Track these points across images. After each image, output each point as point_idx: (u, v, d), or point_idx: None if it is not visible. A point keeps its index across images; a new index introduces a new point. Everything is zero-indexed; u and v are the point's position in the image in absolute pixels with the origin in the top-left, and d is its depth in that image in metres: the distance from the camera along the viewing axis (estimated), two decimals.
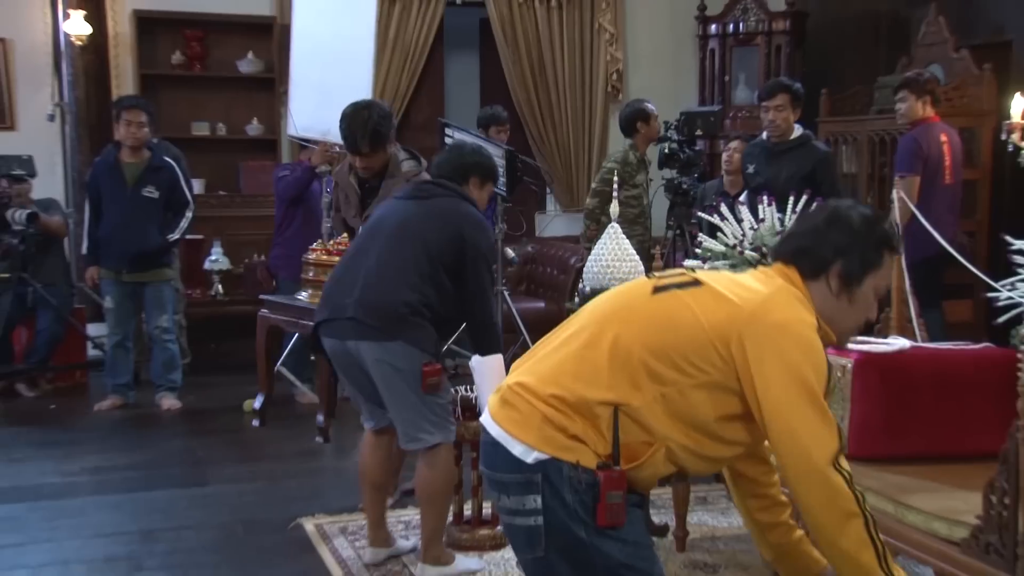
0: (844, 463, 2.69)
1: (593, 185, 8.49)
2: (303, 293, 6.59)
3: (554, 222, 11.09)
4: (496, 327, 4.94)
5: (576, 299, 5.41)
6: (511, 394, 2.73)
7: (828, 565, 2.92)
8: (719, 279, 2.83)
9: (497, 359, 3.61)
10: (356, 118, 5.44)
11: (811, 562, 3.01)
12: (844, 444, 2.75)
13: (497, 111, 8.80)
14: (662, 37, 11.20)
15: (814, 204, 4.76)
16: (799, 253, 2.86)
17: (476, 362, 3.65)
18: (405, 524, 5.46)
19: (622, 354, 2.66)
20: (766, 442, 2.87)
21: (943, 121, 7.71)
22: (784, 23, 10.49)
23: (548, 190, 11.26)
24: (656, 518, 5.18)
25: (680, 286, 2.78)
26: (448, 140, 8.34)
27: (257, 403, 7.45)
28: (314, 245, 6.32)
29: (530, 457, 2.63)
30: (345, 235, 6.12)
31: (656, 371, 2.65)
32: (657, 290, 2.78)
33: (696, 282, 2.79)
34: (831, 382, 2.79)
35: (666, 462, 2.73)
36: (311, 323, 5.05)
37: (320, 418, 6.72)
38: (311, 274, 6.30)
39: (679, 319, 2.70)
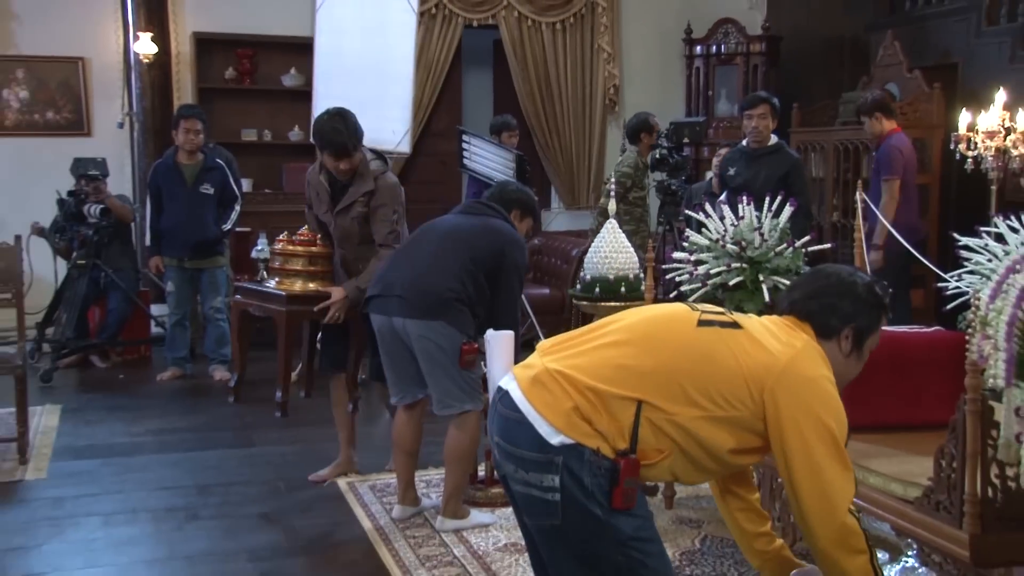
0: (853, 506, 2.69)
1: (608, 187, 8.43)
2: (271, 281, 6.00)
3: (558, 218, 11.06)
4: (517, 329, 4.86)
5: (578, 286, 5.41)
6: (547, 377, 2.67)
7: (797, 561, 2.99)
8: (754, 325, 2.79)
9: (509, 336, 3.60)
10: (347, 124, 5.20)
11: (791, 565, 3.02)
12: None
13: (507, 119, 8.76)
14: (653, 56, 11.17)
15: (787, 205, 4.77)
16: (812, 315, 2.84)
17: (490, 336, 3.64)
18: (426, 483, 5.47)
19: (664, 375, 2.63)
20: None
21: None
22: (760, 45, 10.50)
23: (553, 190, 11.26)
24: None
25: (722, 325, 2.75)
26: (465, 145, 8.35)
27: (232, 381, 7.31)
28: (280, 236, 5.85)
29: (555, 439, 2.58)
30: (305, 227, 5.76)
31: (692, 397, 2.62)
32: (701, 323, 2.74)
33: (735, 324, 2.75)
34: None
35: (667, 470, 2.71)
36: (278, 308, 5.77)
37: (279, 394, 6.09)
38: (276, 263, 5.83)
39: (719, 356, 2.66)
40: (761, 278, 4.56)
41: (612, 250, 5.20)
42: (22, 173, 9.38)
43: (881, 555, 2.95)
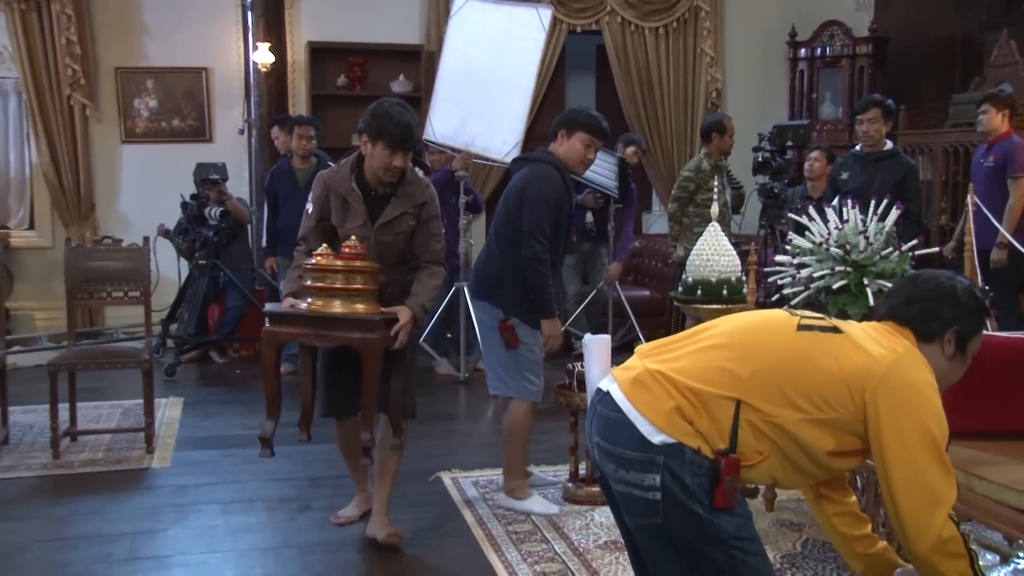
0: (953, 512, 2.62)
1: (673, 192, 8.37)
2: (305, 302, 4.43)
3: (658, 221, 11.01)
4: (544, 279, 4.92)
5: (679, 288, 5.35)
6: (648, 378, 2.65)
7: (901, 562, 2.89)
8: (854, 330, 2.74)
9: (605, 340, 3.53)
10: (413, 116, 4.49)
11: (896, 566, 2.94)
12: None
13: (635, 136, 9.23)
14: (756, 60, 11.05)
15: (894, 208, 4.66)
16: (912, 320, 2.78)
17: (588, 340, 3.61)
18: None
19: (764, 378, 2.60)
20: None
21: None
22: (867, 47, 10.34)
23: (654, 193, 11.20)
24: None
25: (822, 329, 2.71)
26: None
27: (268, 429, 4.68)
28: (319, 250, 4.32)
29: (656, 438, 2.56)
30: (353, 239, 4.35)
31: (792, 399, 2.58)
32: (801, 328, 2.71)
33: (836, 329, 2.71)
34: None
35: (767, 473, 2.68)
36: (367, 335, 4.26)
37: (366, 435, 4.50)
38: (310, 281, 4.33)
39: (820, 360, 2.63)
40: (866, 282, 4.45)
41: (714, 252, 5.14)
42: (150, 177, 9.68)
43: (991, 557, 2.85)
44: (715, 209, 5.50)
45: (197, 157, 9.02)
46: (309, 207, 4.62)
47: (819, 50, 10.52)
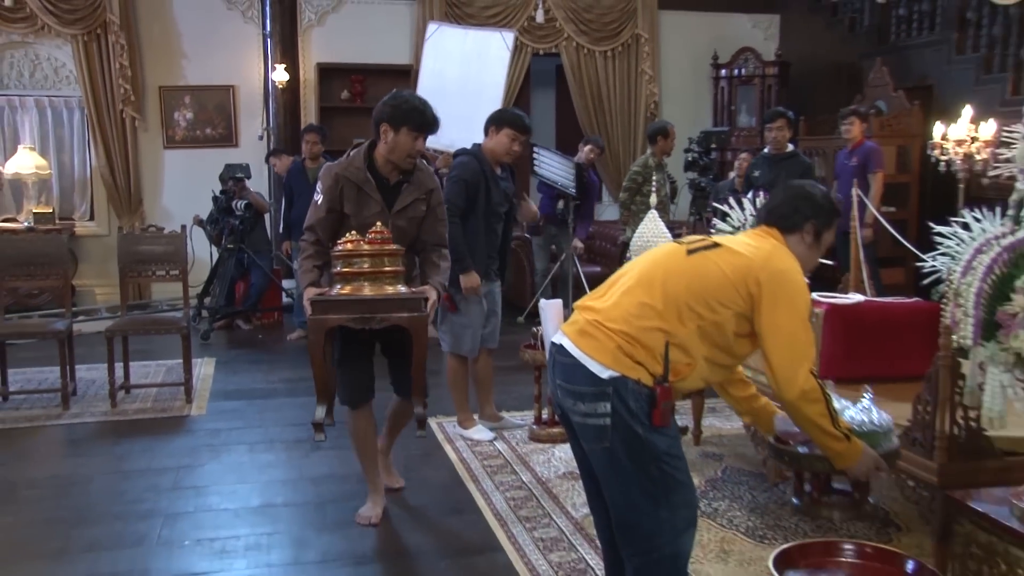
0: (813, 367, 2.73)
1: (624, 183, 8.43)
2: (334, 289, 3.86)
3: (608, 209, 11.04)
4: (454, 239, 4.60)
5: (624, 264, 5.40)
6: (590, 327, 2.70)
7: (778, 411, 3.01)
8: (731, 240, 2.84)
9: (557, 303, 3.56)
10: (428, 104, 4.04)
11: (770, 413, 3.07)
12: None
13: (598, 138, 9.30)
14: (686, 78, 11.08)
15: None
16: (780, 218, 2.89)
17: (543, 304, 3.64)
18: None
19: (672, 300, 2.66)
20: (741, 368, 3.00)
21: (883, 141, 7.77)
22: (774, 69, 10.43)
23: (604, 187, 11.24)
24: (680, 422, 5.15)
25: (705, 248, 2.78)
26: (535, 155, 8.37)
27: (319, 414, 4.05)
28: (348, 236, 3.81)
29: (605, 374, 2.62)
30: (379, 224, 3.85)
31: (698, 311, 2.66)
32: (690, 252, 2.77)
33: (716, 244, 2.79)
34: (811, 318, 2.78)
35: (698, 378, 2.74)
36: (414, 313, 3.78)
37: (419, 409, 4.06)
38: (340, 267, 3.81)
39: (709, 272, 2.70)
40: None
41: (653, 235, 5.17)
42: (186, 176, 9.69)
43: (841, 403, 2.93)
44: (654, 199, 5.56)
45: (226, 159, 9.06)
46: (319, 198, 4.03)
47: (736, 71, 10.57)
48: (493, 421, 5.49)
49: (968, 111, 7.15)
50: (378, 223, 3.85)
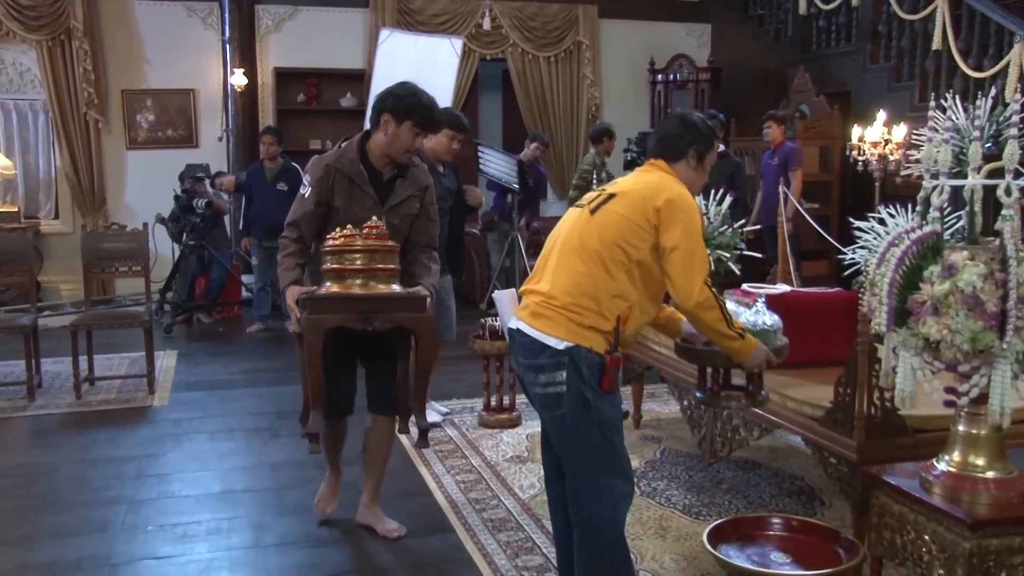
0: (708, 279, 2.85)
1: (574, 181, 8.47)
2: (325, 285, 3.37)
3: (552, 206, 11.06)
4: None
5: None
6: (540, 308, 2.77)
7: (684, 321, 3.08)
8: (623, 185, 2.93)
9: (511, 292, 3.49)
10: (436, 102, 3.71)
11: (676, 320, 3.13)
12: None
13: (543, 135, 9.33)
14: (625, 82, 11.12)
15: (727, 197, 4.76)
16: (665, 149, 2.97)
17: (496, 295, 3.63)
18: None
19: (593, 257, 2.75)
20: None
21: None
22: (707, 75, 10.50)
23: (548, 184, 11.26)
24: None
25: (603, 202, 2.86)
26: (480, 153, 8.35)
27: (313, 424, 3.49)
28: (342, 231, 3.36)
29: (561, 345, 2.69)
30: (374, 218, 3.43)
31: (616, 257, 2.75)
32: (592, 212, 2.85)
33: (612, 195, 2.87)
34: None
35: (639, 317, 2.83)
36: (417, 314, 3.40)
37: (420, 421, 3.69)
38: (329, 263, 3.36)
39: (614, 221, 2.79)
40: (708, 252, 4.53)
41: None
42: (148, 176, 9.54)
43: (735, 307, 3.08)
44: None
45: (186, 160, 8.97)
46: (306, 190, 3.56)
47: (671, 76, 10.62)
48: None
49: (882, 115, 7.29)
50: (373, 217, 3.43)
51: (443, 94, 8.18)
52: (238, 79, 9.33)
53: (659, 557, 3.50)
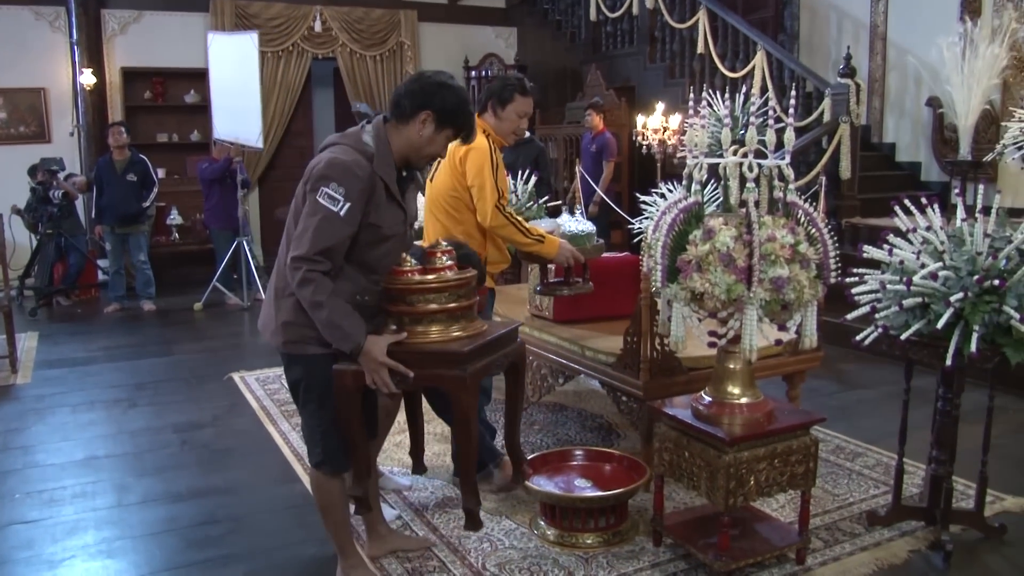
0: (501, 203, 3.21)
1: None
2: (392, 326, 2.47)
3: None
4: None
5: None
6: None
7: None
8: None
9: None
10: None
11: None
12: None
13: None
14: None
15: (532, 177, 4.82)
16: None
17: None
18: None
19: (444, 212, 3.21)
20: None
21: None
22: (514, 71, 10.54)
23: None
24: None
25: (436, 170, 3.31)
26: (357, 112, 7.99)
27: (361, 490, 2.62)
28: (405, 261, 2.47)
29: None
30: (444, 242, 2.61)
31: (453, 206, 3.22)
32: (431, 180, 3.31)
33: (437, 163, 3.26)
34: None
35: (493, 250, 3.28)
36: (452, 372, 2.39)
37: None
38: (402, 303, 2.47)
39: (442, 181, 3.25)
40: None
41: (421, 207, 5.15)
42: (3, 171, 8.71)
43: (560, 221, 3.56)
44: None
45: (40, 154, 8.37)
46: (340, 206, 2.33)
47: (483, 72, 10.59)
48: None
49: (660, 106, 7.57)
50: (439, 240, 2.61)
51: (252, 85, 7.88)
52: (87, 78, 8.71)
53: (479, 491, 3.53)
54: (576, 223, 3.49)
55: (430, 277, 2.45)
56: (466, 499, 2.53)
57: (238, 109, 7.71)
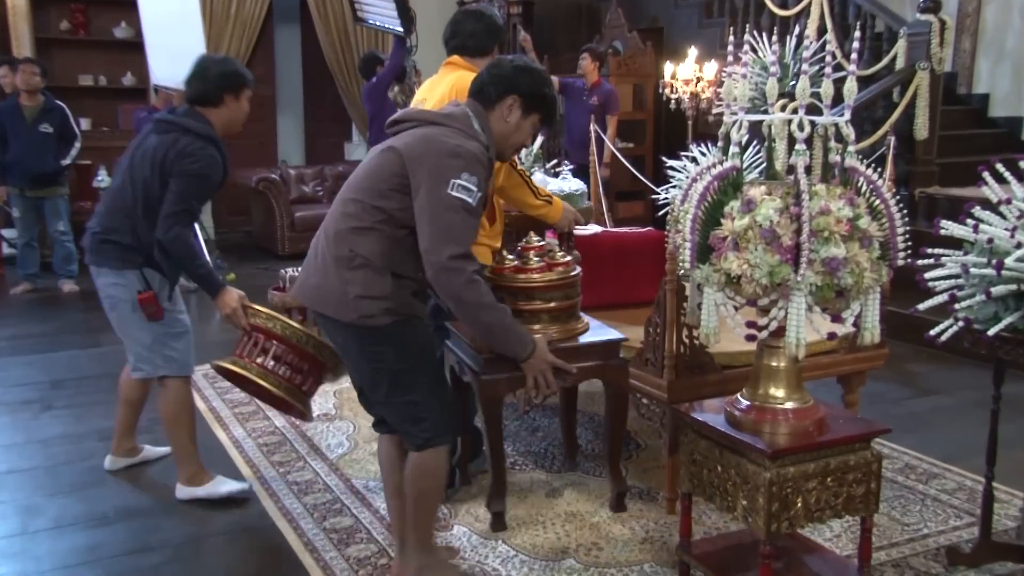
0: None
1: None
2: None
3: (358, 148, 10.97)
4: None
5: None
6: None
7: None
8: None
9: None
10: None
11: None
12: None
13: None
14: (434, 14, 11.05)
15: (540, 137, 4.89)
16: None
17: None
18: None
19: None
20: None
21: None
22: (518, 8, 10.61)
23: (352, 125, 11.15)
24: None
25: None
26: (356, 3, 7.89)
27: (500, 506, 3.40)
28: (503, 256, 3.23)
29: None
30: (538, 239, 3.28)
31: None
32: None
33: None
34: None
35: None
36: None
37: (498, 503, 3.42)
38: (527, 302, 3.18)
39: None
40: None
41: None
42: None
43: (543, 176, 4.19)
44: None
45: None
46: (472, 196, 2.66)
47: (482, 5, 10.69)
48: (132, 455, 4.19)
49: (693, 52, 7.61)
50: (532, 235, 3.23)
51: (193, 19, 7.92)
52: None
53: (474, 510, 3.61)
54: (565, 182, 3.84)
55: (551, 275, 3.13)
56: (615, 482, 3.49)
57: (178, 48, 7.73)
